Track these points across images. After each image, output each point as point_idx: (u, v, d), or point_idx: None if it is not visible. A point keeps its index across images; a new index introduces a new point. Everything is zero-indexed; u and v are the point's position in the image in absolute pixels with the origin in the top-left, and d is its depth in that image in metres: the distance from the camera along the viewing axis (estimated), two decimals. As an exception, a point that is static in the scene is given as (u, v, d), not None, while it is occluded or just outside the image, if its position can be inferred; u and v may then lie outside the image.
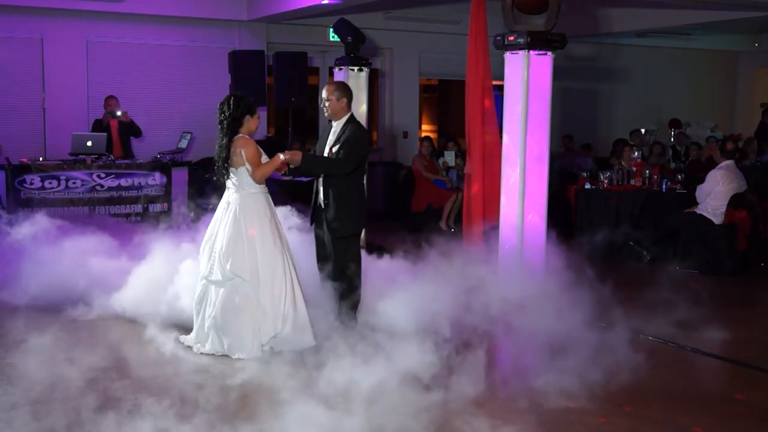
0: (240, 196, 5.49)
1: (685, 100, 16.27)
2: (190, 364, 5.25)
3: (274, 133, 13.71)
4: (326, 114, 5.85)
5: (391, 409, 4.40)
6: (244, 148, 5.44)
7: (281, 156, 5.53)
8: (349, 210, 5.76)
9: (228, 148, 5.47)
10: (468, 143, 7.55)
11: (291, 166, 5.63)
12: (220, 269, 5.43)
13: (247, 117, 5.54)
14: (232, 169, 5.50)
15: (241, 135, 5.51)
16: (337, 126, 5.81)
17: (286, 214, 6.48)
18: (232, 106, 5.50)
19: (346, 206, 5.74)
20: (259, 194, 5.53)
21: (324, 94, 5.80)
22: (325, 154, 5.79)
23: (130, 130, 10.72)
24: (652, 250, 8.99)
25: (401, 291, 6.19)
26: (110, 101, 10.65)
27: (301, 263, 5.85)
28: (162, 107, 12.11)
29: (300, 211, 6.68)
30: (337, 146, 5.71)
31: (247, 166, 5.44)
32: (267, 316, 5.44)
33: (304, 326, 5.54)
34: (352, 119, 5.82)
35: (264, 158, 5.58)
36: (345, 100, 5.78)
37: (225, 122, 5.51)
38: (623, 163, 10.21)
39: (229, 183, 5.56)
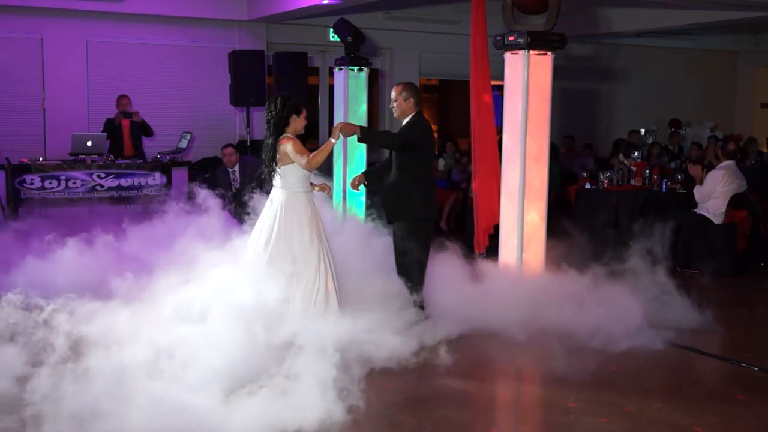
0: (284, 194, 5.59)
1: (685, 100, 16.25)
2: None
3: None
4: (395, 114, 6.02)
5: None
6: (287, 144, 5.50)
7: (332, 140, 5.60)
8: (401, 197, 5.87)
9: (275, 147, 5.57)
10: (473, 142, 7.54)
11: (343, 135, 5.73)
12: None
13: (294, 116, 5.63)
14: (277, 167, 5.55)
15: (287, 134, 5.57)
16: (403, 123, 5.99)
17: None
18: (279, 106, 5.59)
19: (401, 194, 5.87)
20: (302, 193, 5.61)
21: (393, 94, 5.98)
22: None
23: (141, 129, 10.69)
24: (652, 250, 8.98)
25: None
26: (122, 100, 10.61)
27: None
28: (162, 107, 12.09)
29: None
30: None
31: (297, 159, 5.48)
32: (297, 310, 5.41)
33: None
34: (417, 115, 5.94)
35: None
36: (412, 99, 5.94)
37: (272, 122, 5.60)
38: (626, 162, 10.22)
39: (275, 181, 5.64)
